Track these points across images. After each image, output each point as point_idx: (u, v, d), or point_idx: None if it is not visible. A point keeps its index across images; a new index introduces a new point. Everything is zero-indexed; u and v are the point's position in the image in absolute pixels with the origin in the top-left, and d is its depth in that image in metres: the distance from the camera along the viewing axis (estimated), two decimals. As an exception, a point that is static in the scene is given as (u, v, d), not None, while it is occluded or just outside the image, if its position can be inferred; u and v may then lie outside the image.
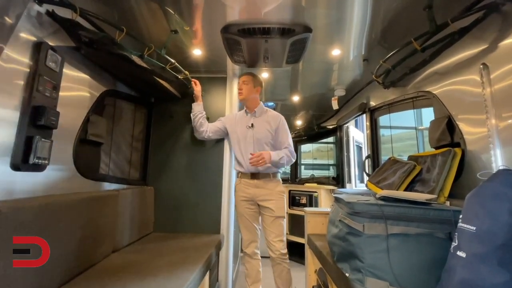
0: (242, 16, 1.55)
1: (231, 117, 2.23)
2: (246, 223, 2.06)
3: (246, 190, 2.03)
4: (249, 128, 2.06)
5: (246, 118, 2.13)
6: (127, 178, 2.16)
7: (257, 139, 2.02)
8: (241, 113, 2.20)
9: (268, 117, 2.09)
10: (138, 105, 2.35)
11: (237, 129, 2.11)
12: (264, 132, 2.03)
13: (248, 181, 2.03)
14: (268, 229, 1.98)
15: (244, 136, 2.07)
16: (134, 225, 2.02)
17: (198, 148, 2.51)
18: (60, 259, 1.22)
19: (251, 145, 2.03)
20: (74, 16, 1.25)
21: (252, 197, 2.01)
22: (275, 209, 1.96)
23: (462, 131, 1.43)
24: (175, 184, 2.44)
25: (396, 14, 1.52)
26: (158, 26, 1.70)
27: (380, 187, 1.89)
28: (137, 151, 2.34)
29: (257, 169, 1.98)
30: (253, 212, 2.06)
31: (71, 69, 1.45)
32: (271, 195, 1.98)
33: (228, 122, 2.20)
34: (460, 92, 1.44)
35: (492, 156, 1.18)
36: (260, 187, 2.00)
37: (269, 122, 2.06)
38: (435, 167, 1.52)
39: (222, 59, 2.22)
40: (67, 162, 1.44)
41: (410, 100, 2.03)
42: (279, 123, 2.05)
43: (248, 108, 2.14)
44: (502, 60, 1.16)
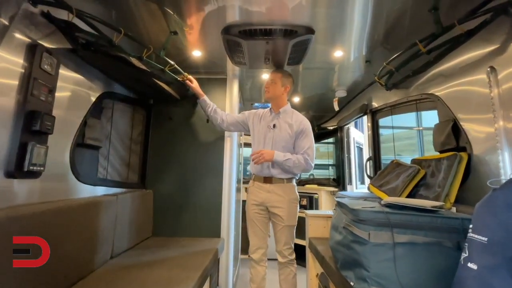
0: (243, 17, 1.51)
1: (256, 114, 2.08)
2: (255, 228, 1.95)
3: (258, 194, 1.91)
4: (271, 128, 1.94)
5: (270, 118, 2.00)
6: (125, 181, 2.12)
7: (276, 141, 1.90)
8: (266, 111, 2.07)
9: (292, 120, 1.95)
10: (137, 107, 2.31)
11: (259, 128, 1.99)
12: (284, 135, 1.90)
13: (261, 185, 1.91)
14: (278, 237, 1.90)
15: (263, 136, 1.95)
16: (132, 229, 1.99)
17: (198, 150, 2.48)
18: (57, 267, 1.18)
19: (269, 146, 1.91)
20: (70, 17, 1.21)
21: (263, 202, 1.90)
22: (285, 218, 1.85)
23: (468, 135, 1.40)
24: (175, 187, 2.41)
25: (398, 15, 1.49)
26: (157, 27, 1.66)
27: (383, 191, 1.87)
28: (135, 154, 2.30)
29: (270, 173, 1.89)
30: (263, 218, 1.94)
31: (68, 71, 1.41)
32: (282, 202, 1.86)
33: (251, 118, 2.06)
34: (466, 95, 1.41)
35: (500, 161, 1.15)
36: (272, 192, 1.88)
37: (291, 125, 1.92)
38: (440, 171, 1.49)
39: (222, 60, 2.19)
40: (63, 168, 1.40)
41: (413, 102, 2.00)
42: (302, 128, 1.91)
43: (274, 107, 2.01)
44: (510, 64, 1.13)
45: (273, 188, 1.87)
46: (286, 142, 1.90)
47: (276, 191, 1.87)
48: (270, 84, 1.96)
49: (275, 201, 1.86)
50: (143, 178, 2.37)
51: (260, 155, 1.79)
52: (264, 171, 1.91)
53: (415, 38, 1.47)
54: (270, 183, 1.89)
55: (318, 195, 3.66)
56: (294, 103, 3.48)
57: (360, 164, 4.04)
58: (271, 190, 1.88)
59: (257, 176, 1.95)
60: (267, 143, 1.92)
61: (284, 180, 1.89)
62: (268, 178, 1.90)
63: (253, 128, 2.04)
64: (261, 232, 1.95)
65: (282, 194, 1.86)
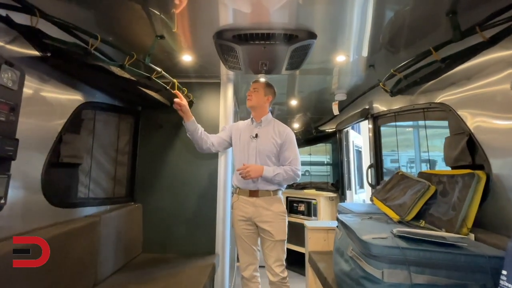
0: (238, 20, 1.35)
1: (237, 125, 1.99)
2: (244, 245, 1.86)
3: (244, 209, 1.82)
4: (253, 138, 1.85)
5: (251, 127, 1.91)
6: (111, 197, 1.96)
7: (259, 151, 1.82)
8: (247, 122, 1.98)
9: (274, 129, 1.88)
10: (123, 114, 2.13)
11: (241, 139, 1.90)
12: (268, 144, 1.82)
13: (246, 199, 1.81)
14: (268, 253, 1.80)
15: (246, 146, 1.85)
16: (119, 249, 1.83)
17: (190, 160, 2.32)
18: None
19: (253, 157, 1.82)
20: (34, 21, 1.03)
21: (250, 217, 1.81)
22: (275, 233, 1.76)
23: (486, 152, 1.27)
24: (166, 200, 2.25)
25: (406, 17, 1.34)
26: (141, 31, 1.48)
27: (388, 206, 1.74)
28: (122, 165, 2.13)
29: (256, 186, 1.79)
30: (251, 233, 1.85)
31: (37, 83, 1.23)
32: (270, 216, 1.77)
33: (233, 131, 1.96)
34: (484, 108, 1.28)
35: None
36: (259, 206, 1.79)
37: (275, 134, 1.85)
38: (454, 190, 1.36)
39: (215, 64, 2.02)
40: (33, 193, 1.23)
41: (420, 110, 1.87)
42: (286, 137, 1.84)
43: (255, 117, 1.93)
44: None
45: (259, 202, 1.78)
46: (270, 152, 1.82)
47: (263, 204, 1.78)
48: (252, 92, 1.89)
49: (263, 216, 1.77)
50: (131, 191, 2.21)
51: (247, 172, 1.68)
52: (249, 184, 1.80)
53: (422, 40, 1.34)
54: (256, 197, 1.79)
55: (317, 201, 3.54)
56: (291, 105, 3.33)
57: (359, 167, 3.94)
58: (257, 204, 1.78)
59: (241, 189, 1.85)
60: (251, 154, 1.82)
61: (271, 192, 1.80)
62: (253, 191, 1.80)
63: (235, 140, 1.94)
64: (251, 248, 1.86)
65: (269, 208, 1.78)
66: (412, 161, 8.44)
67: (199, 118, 2.38)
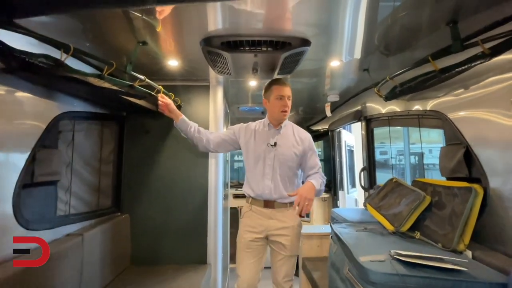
0: (227, 27, 1.25)
1: (248, 129, 1.74)
2: (248, 260, 1.61)
3: (257, 221, 1.62)
4: (271, 147, 1.63)
5: (268, 133, 1.68)
6: (95, 210, 1.86)
7: (280, 162, 1.61)
8: (259, 126, 1.73)
9: (295, 135, 1.68)
10: (106, 121, 2.01)
11: (255, 146, 1.66)
12: (289, 154, 1.62)
13: (261, 210, 1.62)
14: (278, 267, 1.64)
15: (262, 155, 1.63)
16: (106, 264, 1.75)
17: (180, 166, 2.23)
18: None
19: (270, 168, 1.61)
20: (-5, 33, 0.91)
21: (263, 230, 1.61)
22: (289, 247, 1.60)
23: (484, 165, 1.24)
24: (154, 208, 2.17)
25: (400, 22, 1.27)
26: (122, 38, 1.37)
27: (383, 215, 1.71)
28: (107, 175, 2.02)
29: (271, 196, 1.60)
30: (260, 247, 1.65)
31: (4, 96, 1.11)
32: (286, 229, 1.60)
33: (242, 135, 1.72)
34: (483, 121, 1.24)
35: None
36: (275, 218, 1.61)
37: (296, 142, 1.65)
38: (451, 203, 1.34)
39: (204, 68, 1.91)
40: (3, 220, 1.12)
41: (415, 116, 1.83)
42: (309, 144, 1.67)
43: (274, 123, 1.68)
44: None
45: (275, 213, 1.61)
46: (292, 162, 1.63)
47: (279, 217, 1.61)
48: (287, 101, 1.62)
49: (278, 229, 1.60)
50: (118, 202, 2.11)
51: (305, 200, 1.39)
52: (264, 194, 1.61)
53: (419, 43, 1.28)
54: (272, 208, 1.61)
55: (309, 202, 3.52)
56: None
57: (351, 166, 3.93)
58: (273, 216, 1.61)
59: (255, 199, 1.65)
60: (268, 165, 1.62)
61: (287, 204, 1.63)
62: (269, 202, 1.62)
63: (246, 147, 1.70)
64: (254, 266, 1.61)
65: (285, 220, 1.61)
66: (401, 154, 8.57)
67: (187, 122, 2.30)
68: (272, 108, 1.64)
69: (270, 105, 1.65)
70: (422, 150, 3.09)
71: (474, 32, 1.14)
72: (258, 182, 1.62)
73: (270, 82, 1.68)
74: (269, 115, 1.69)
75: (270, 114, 1.68)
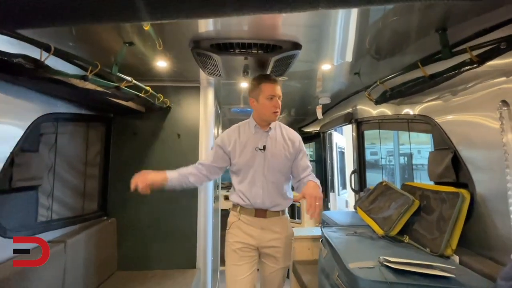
0: (217, 28, 1.22)
1: (231, 136, 1.51)
2: (239, 276, 1.42)
3: (248, 232, 1.45)
4: (260, 151, 1.46)
5: (255, 137, 1.49)
6: (80, 214, 1.79)
7: (271, 167, 1.45)
8: (244, 128, 1.53)
9: (284, 136, 1.52)
10: (92, 123, 1.94)
11: (241, 151, 1.47)
12: (280, 158, 1.47)
13: (251, 220, 1.45)
14: (270, 280, 1.52)
15: (251, 161, 1.46)
16: (90, 271, 1.69)
17: (168, 169, 2.16)
18: None
19: (260, 174, 1.45)
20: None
21: (255, 242, 1.45)
22: (281, 260, 1.48)
23: (471, 171, 1.25)
24: (142, 212, 2.11)
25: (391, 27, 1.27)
26: (107, 37, 1.32)
27: (372, 218, 1.72)
28: (92, 178, 1.96)
29: (264, 204, 1.45)
30: (253, 261, 1.47)
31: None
32: (279, 240, 1.46)
33: (230, 145, 1.49)
34: (471, 127, 1.26)
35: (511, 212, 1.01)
36: (267, 229, 1.45)
37: (286, 144, 1.50)
38: (439, 208, 1.35)
39: (194, 69, 1.87)
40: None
41: (404, 120, 1.85)
42: (299, 145, 1.54)
43: (262, 125, 1.49)
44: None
45: (267, 223, 1.45)
46: (284, 166, 1.48)
47: (272, 227, 1.46)
48: (278, 101, 1.44)
49: (271, 240, 1.45)
50: (104, 205, 2.05)
51: (316, 200, 1.23)
52: (256, 203, 1.44)
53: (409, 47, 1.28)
54: (263, 217, 1.45)
55: (300, 203, 3.53)
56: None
57: (342, 168, 3.96)
58: (265, 226, 1.45)
59: (244, 208, 1.47)
60: (258, 171, 1.45)
61: (280, 212, 1.49)
62: (261, 211, 1.45)
63: (237, 155, 1.47)
64: (249, 280, 1.42)
65: (278, 231, 1.47)
66: (391, 154, 8.73)
67: (178, 124, 2.25)
68: (261, 109, 1.44)
69: (259, 105, 1.44)
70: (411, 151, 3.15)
71: (462, 39, 1.16)
72: (247, 191, 1.46)
73: (258, 78, 1.46)
74: (257, 116, 1.49)
75: (258, 115, 1.48)
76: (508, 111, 1.03)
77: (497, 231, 1.12)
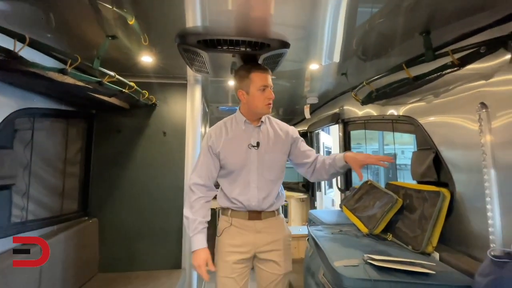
0: (205, 24, 1.20)
1: (218, 136, 1.36)
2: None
3: (242, 238, 1.32)
4: (253, 148, 1.33)
5: (245, 133, 1.36)
6: (58, 214, 1.72)
7: (266, 165, 1.34)
8: (231, 125, 1.39)
9: (277, 130, 1.41)
10: (73, 119, 1.86)
11: (232, 150, 1.34)
12: (276, 153, 1.37)
13: (245, 223, 1.32)
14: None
15: (244, 161, 1.33)
16: (69, 275, 1.62)
17: (153, 168, 2.14)
18: None
19: (254, 173, 1.32)
20: None
21: (250, 249, 1.32)
22: (283, 264, 1.35)
23: (451, 171, 1.30)
24: (126, 212, 2.06)
25: (378, 29, 1.30)
26: (89, 30, 1.26)
27: (357, 217, 1.75)
28: (72, 177, 1.88)
29: (259, 205, 1.32)
30: (246, 269, 1.35)
31: None
32: (277, 242, 1.35)
33: (219, 146, 1.34)
34: (451, 128, 1.29)
35: (489, 211, 1.04)
36: (263, 231, 1.33)
37: (280, 137, 1.39)
38: (421, 207, 1.38)
39: (180, 66, 1.84)
40: None
41: (389, 121, 1.89)
42: (292, 132, 1.44)
43: (252, 119, 1.37)
44: (506, 104, 1.01)
45: (262, 226, 1.33)
46: (279, 161, 1.38)
47: (268, 229, 1.34)
48: (271, 93, 1.33)
49: (268, 244, 1.33)
50: (85, 205, 1.97)
51: (376, 157, 1.29)
52: (251, 205, 1.31)
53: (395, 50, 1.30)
54: (258, 219, 1.33)
55: (288, 202, 3.55)
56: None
57: (329, 167, 4.01)
58: (260, 229, 1.33)
59: (236, 211, 1.34)
60: (252, 170, 1.32)
61: (275, 212, 1.39)
62: (255, 213, 1.33)
63: (228, 156, 1.34)
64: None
65: (275, 233, 1.36)
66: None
67: (164, 121, 2.20)
68: (253, 101, 1.30)
69: (250, 97, 1.30)
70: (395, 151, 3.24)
71: (445, 42, 1.19)
72: (241, 193, 1.33)
73: (247, 68, 1.31)
74: (247, 110, 1.36)
75: (249, 109, 1.34)
76: (486, 113, 1.07)
77: (475, 229, 1.17)
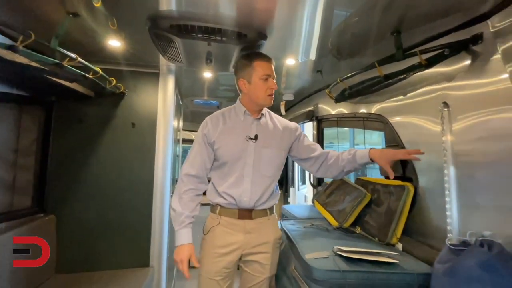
0: (179, 8, 1.13)
1: (215, 124, 1.31)
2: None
3: (230, 237, 1.25)
4: (251, 140, 1.28)
5: (245, 124, 1.31)
6: (7, 211, 1.54)
7: (264, 159, 1.29)
8: (230, 115, 1.35)
9: (277, 124, 1.38)
10: (27, 106, 1.68)
11: (229, 141, 1.28)
12: (276, 148, 1.32)
13: (234, 222, 1.26)
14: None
15: (240, 153, 1.27)
16: (18, 276, 1.47)
17: (119, 160, 2.01)
18: None
19: (250, 167, 1.27)
20: None
21: (237, 248, 1.26)
22: (268, 267, 1.29)
23: (415, 166, 1.37)
24: (88, 208, 1.91)
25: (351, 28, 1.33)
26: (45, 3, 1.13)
27: (329, 211, 1.79)
28: (26, 170, 1.70)
29: (250, 203, 1.26)
30: (232, 272, 1.30)
31: None
32: (267, 245, 1.29)
33: (215, 135, 1.29)
34: (416, 126, 1.37)
35: (448, 203, 1.12)
36: (253, 232, 1.27)
37: (280, 133, 1.35)
38: (387, 200, 1.45)
39: (152, 53, 1.73)
40: None
41: (360, 119, 1.96)
42: (296, 129, 1.42)
43: (252, 110, 1.33)
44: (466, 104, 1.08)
45: (253, 225, 1.27)
46: (277, 157, 1.34)
47: (259, 229, 1.28)
48: (274, 83, 1.28)
49: (257, 245, 1.27)
50: (41, 201, 1.80)
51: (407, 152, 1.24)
52: (242, 201, 1.25)
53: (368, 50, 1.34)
54: (249, 218, 1.27)
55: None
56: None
57: (302, 164, 4.10)
58: (251, 229, 1.27)
59: (225, 208, 1.28)
60: (248, 164, 1.27)
61: (267, 211, 1.33)
62: (245, 211, 1.27)
63: (224, 146, 1.28)
64: None
65: (265, 234, 1.30)
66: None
67: (134, 112, 2.08)
68: (255, 91, 1.26)
69: (251, 87, 1.26)
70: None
71: (414, 43, 1.25)
72: (233, 187, 1.26)
73: (249, 56, 1.28)
74: (248, 100, 1.31)
75: (250, 99, 1.30)
76: (448, 112, 1.14)
77: (434, 221, 1.25)
